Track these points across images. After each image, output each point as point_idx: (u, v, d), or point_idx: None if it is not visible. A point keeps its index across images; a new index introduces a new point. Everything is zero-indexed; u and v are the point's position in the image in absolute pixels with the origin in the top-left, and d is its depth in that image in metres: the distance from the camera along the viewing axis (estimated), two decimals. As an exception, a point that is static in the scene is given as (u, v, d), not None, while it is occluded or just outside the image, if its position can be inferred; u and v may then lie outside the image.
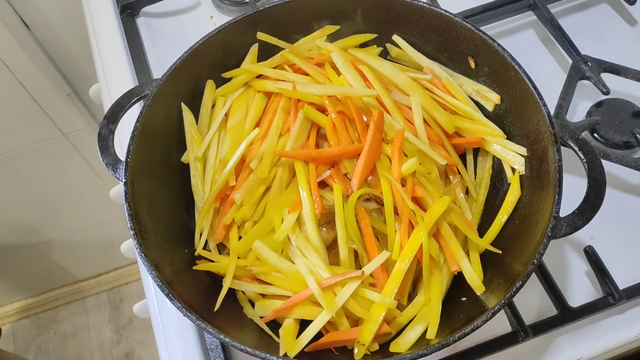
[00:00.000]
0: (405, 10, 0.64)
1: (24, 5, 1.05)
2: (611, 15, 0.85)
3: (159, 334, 0.64)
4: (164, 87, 0.60)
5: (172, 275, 0.53)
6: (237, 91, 0.65)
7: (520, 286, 0.47)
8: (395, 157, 0.56)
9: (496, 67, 0.60)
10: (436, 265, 0.55)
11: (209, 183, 0.61)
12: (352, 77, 0.63)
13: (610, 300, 0.61)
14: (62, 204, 1.54)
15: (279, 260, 0.55)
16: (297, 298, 0.52)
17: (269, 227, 0.57)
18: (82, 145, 1.36)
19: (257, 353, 0.47)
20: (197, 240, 0.60)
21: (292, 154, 0.58)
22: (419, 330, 0.51)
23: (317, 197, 0.56)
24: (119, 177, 0.56)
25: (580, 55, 0.75)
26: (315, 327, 0.51)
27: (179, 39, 0.86)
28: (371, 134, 0.57)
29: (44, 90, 1.16)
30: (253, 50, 0.67)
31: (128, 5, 0.86)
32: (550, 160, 0.53)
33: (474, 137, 0.62)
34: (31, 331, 1.87)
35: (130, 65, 0.81)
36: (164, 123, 0.61)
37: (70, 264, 1.80)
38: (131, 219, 0.52)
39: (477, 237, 0.56)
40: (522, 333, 0.59)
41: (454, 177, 0.62)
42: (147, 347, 1.82)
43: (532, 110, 0.56)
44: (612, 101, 0.73)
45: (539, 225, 0.52)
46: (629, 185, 0.70)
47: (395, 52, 0.68)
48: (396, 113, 0.61)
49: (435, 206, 0.54)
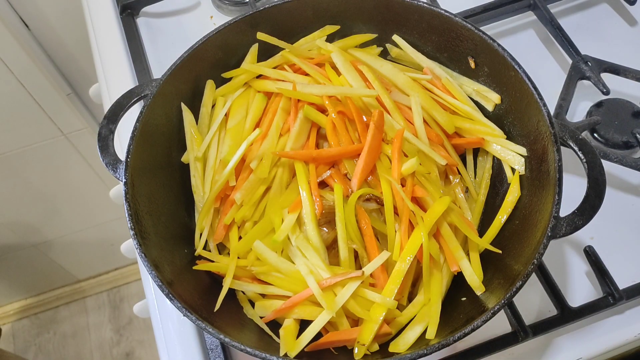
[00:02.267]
0: (405, 10, 0.64)
1: (24, 5, 1.05)
2: (611, 15, 0.85)
3: (159, 334, 0.64)
4: (164, 87, 0.60)
5: (172, 275, 0.53)
6: (237, 91, 0.65)
7: (520, 286, 0.47)
8: (395, 157, 0.56)
9: (496, 67, 0.60)
10: (436, 265, 0.55)
11: (209, 183, 0.61)
12: (352, 77, 0.63)
13: (610, 300, 0.61)
14: (62, 204, 1.54)
15: (279, 260, 0.55)
16: (298, 298, 0.52)
17: (269, 227, 0.57)
18: (82, 145, 1.36)
19: (257, 353, 0.47)
20: (197, 240, 0.60)
21: (292, 154, 0.58)
22: (419, 331, 0.51)
23: (317, 197, 0.56)
24: (119, 177, 0.56)
25: (580, 55, 0.75)
26: (315, 328, 0.51)
27: (179, 39, 0.86)
28: (371, 134, 0.57)
29: (44, 90, 1.16)
30: (253, 51, 0.67)
31: (128, 5, 0.86)
32: (550, 160, 0.53)
33: (474, 138, 0.62)
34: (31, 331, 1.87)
35: (130, 65, 0.81)
36: (164, 123, 0.61)
37: (70, 264, 1.80)
38: (131, 219, 0.52)
39: (477, 237, 0.56)
40: (522, 333, 0.59)
41: (454, 177, 0.62)
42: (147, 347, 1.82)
43: (532, 110, 0.56)
44: (612, 101, 0.73)
45: (539, 225, 0.52)
46: (629, 185, 0.70)
47: (395, 52, 0.68)
48: (396, 113, 0.61)
49: (435, 206, 0.54)
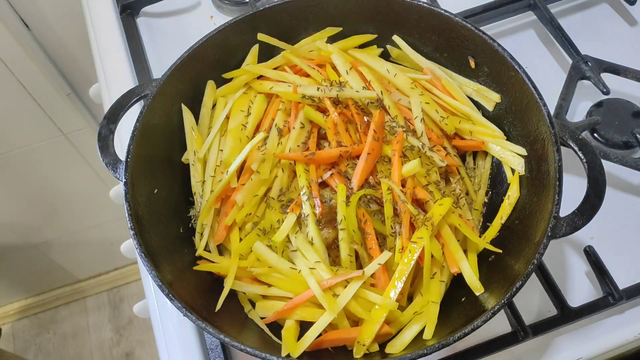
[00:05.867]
0: (405, 10, 0.64)
1: (24, 5, 1.05)
2: (611, 15, 0.85)
3: (159, 334, 0.64)
4: (164, 87, 0.60)
5: (172, 275, 0.53)
6: (238, 92, 0.65)
7: (520, 286, 0.47)
8: (395, 160, 0.56)
9: (496, 67, 0.60)
10: (436, 266, 0.55)
11: (209, 184, 0.61)
12: (352, 78, 0.63)
13: (610, 300, 0.61)
14: (62, 204, 1.54)
15: (280, 261, 0.55)
16: (299, 300, 0.52)
17: (269, 228, 0.57)
18: (82, 145, 1.35)
19: (257, 353, 0.47)
20: (198, 240, 0.60)
21: (292, 156, 0.58)
22: (415, 330, 0.52)
23: (317, 197, 0.56)
24: (119, 177, 0.56)
25: (580, 55, 0.75)
26: (317, 329, 0.51)
27: (179, 39, 0.86)
28: (371, 134, 0.58)
29: (44, 90, 1.16)
30: (254, 51, 0.67)
31: (128, 5, 0.86)
32: (550, 160, 0.53)
33: (474, 141, 0.62)
34: (31, 331, 1.87)
35: (130, 65, 0.81)
36: (164, 123, 0.61)
37: (70, 264, 1.80)
38: (131, 219, 0.52)
39: (477, 237, 0.56)
40: (522, 333, 0.59)
41: (454, 177, 0.62)
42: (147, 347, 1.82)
43: (532, 110, 0.56)
44: (612, 101, 0.73)
45: (539, 225, 0.52)
46: (629, 185, 0.70)
47: (396, 53, 0.68)
48: (396, 114, 0.61)
49: (437, 209, 0.54)
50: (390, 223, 0.55)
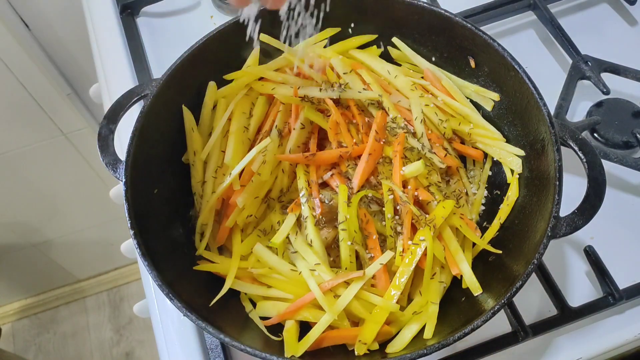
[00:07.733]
0: (405, 10, 0.64)
1: (24, 5, 1.05)
2: (611, 15, 0.85)
3: (159, 334, 0.64)
4: (164, 87, 0.60)
5: (172, 275, 0.53)
6: (240, 93, 0.65)
7: (520, 286, 0.47)
8: (396, 162, 0.56)
9: (496, 67, 0.60)
10: (436, 266, 0.55)
11: (209, 184, 0.61)
12: (352, 80, 0.63)
13: (610, 300, 0.61)
14: (62, 204, 1.53)
15: (280, 262, 0.55)
16: (301, 302, 0.52)
17: (270, 229, 0.57)
18: (82, 145, 1.35)
19: (257, 353, 0.47)
20: (198, 241, 0.60)
21: (292, 157, 0.58)
22: (415, 329, 0.52)
23: (316, 197, 0.56)
24: (119, 177, 0.56)
25: (580, 55, 0.75)
26: (318, 330, 0.51)
27: (179, 39, 0.86)
28: (372, 135, 0.58)
29: (44, 90, 1.16)
30: (255, 52, 0.67)
31: (128, 5, 0.86)
32: (550, 160, 0.53)
33: (474, 151, 0.62)
34: (31, 331, 1.87)
35: (130, 65, 0.81)
36: (164, 123, 0.61)
37: (70, 264, 1.80)
38: (131, 219, 0.52)
39: (477, 238, 0.56)
40: (522, 333, 0.59)
41: (454, 178, 0.62)
42: (147, 347, 1.82)
43: (532, 110, 0.56)
44: (612, 101, 0.73)
45: (539, 225, 0.52)
46: (629, 185, 0.70)
47: (396, 54, 0.68)
48: (396, 115, 0.61)
49: (439, 211, 0.54)
50: (390, 224, 0.55)
